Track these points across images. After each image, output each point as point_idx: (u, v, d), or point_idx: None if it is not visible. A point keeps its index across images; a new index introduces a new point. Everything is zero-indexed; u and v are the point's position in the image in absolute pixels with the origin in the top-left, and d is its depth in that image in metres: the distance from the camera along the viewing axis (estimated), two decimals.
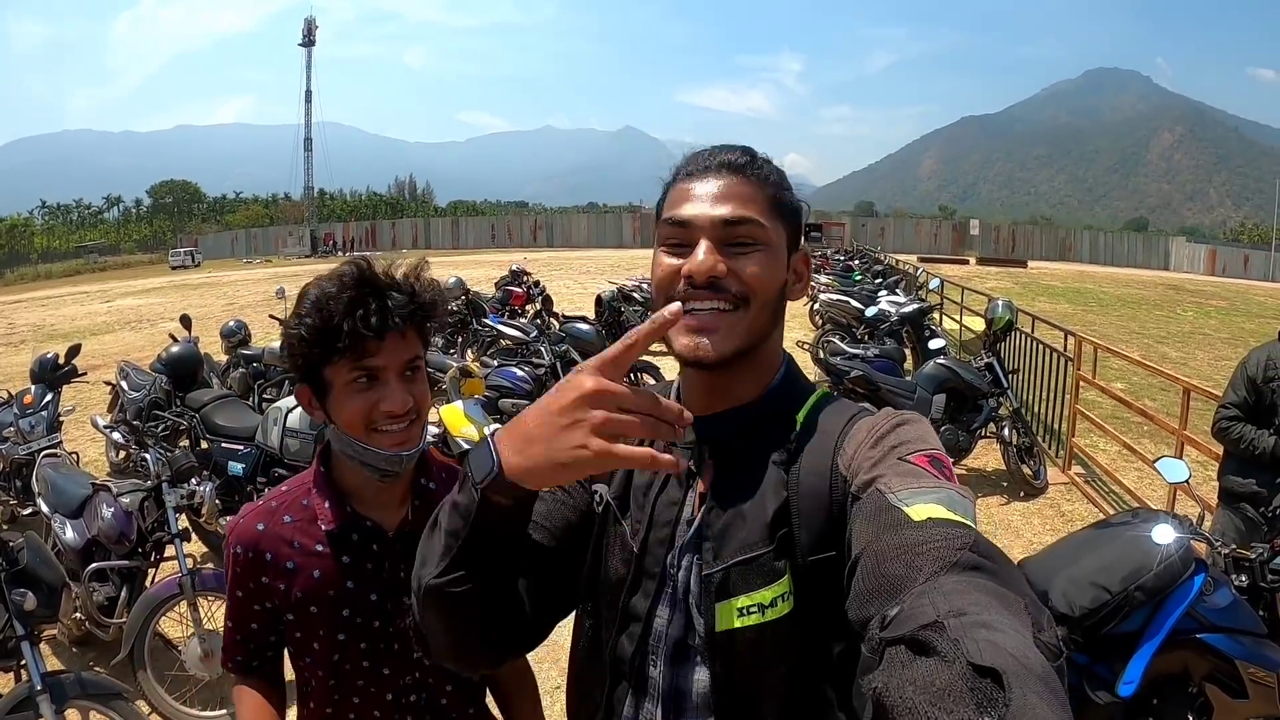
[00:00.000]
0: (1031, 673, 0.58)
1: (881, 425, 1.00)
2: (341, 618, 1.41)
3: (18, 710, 2.99)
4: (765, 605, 0.99)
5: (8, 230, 79.60)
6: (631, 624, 1.09)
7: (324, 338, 1.30)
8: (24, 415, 5.78)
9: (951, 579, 0.72)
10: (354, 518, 1.42)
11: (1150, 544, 2.63)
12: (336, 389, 1.35)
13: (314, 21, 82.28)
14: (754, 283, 1.02)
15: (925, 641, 0.62)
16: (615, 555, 1.12)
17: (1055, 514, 6.26)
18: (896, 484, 0.88)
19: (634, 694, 1.09)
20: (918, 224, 65.20)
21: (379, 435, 1.35)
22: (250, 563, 1.40)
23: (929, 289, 14.10)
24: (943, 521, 0.81)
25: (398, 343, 1.33)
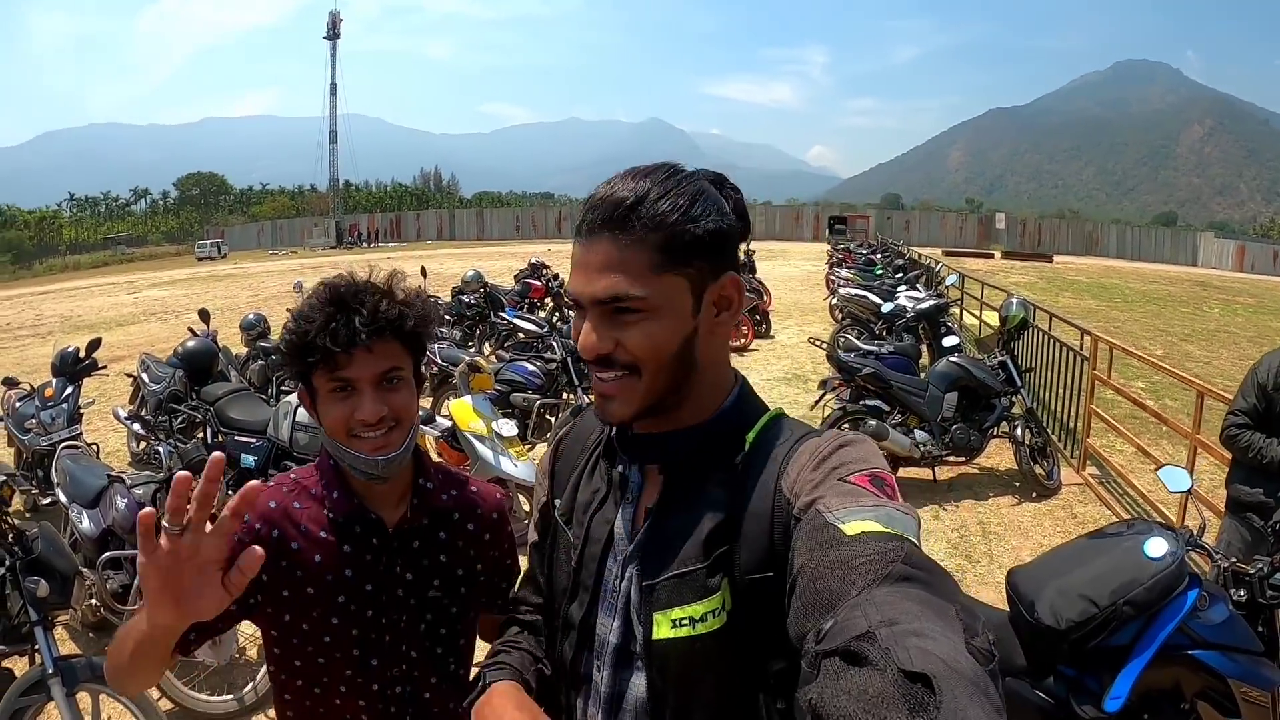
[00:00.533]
0: (962, 676, 0.60)
1: (824, 447, 1.02)
2: (337, 603, 1.45)
3: (30, 693, 3.10)
4: (696, 619, 1.02)
5: (36, 222, 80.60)
6: (570, 631, 1.16)
7: (301, 351, 1.39)
8: (45, 408, 5.89)
9: (884, 590, 0.74)
10: (360, 509, 1.48)
11: (1142, 557, 2.60)
12: (320, 396, 1.43)
13: (338, 15, 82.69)
14: (639, 353, 1.03)
15: (858, 652, 0.64)
16: (561, 565, 1.20)
17: (1067, 516, 6.22)
18: (835, 503, 0.90)
19: (581, 698, 1.16)
20: (943, 217, 64.64)
21: (358, 441, 1.41)
22: (257, 537, 1.41)
23: (948, 285, 14.02)
24: (876, 535, 0.83)
25: (367, 356, 1.39)
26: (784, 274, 26.84)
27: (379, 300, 1.41)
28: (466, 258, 27.07)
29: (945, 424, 6.60)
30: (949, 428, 6.58)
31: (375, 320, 1.39)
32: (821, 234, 51.24)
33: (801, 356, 12.31)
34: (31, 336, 18.21)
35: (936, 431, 6.57)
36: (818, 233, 54.26)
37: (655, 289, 1.01)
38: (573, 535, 1.18)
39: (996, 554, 5.55)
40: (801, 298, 20.39)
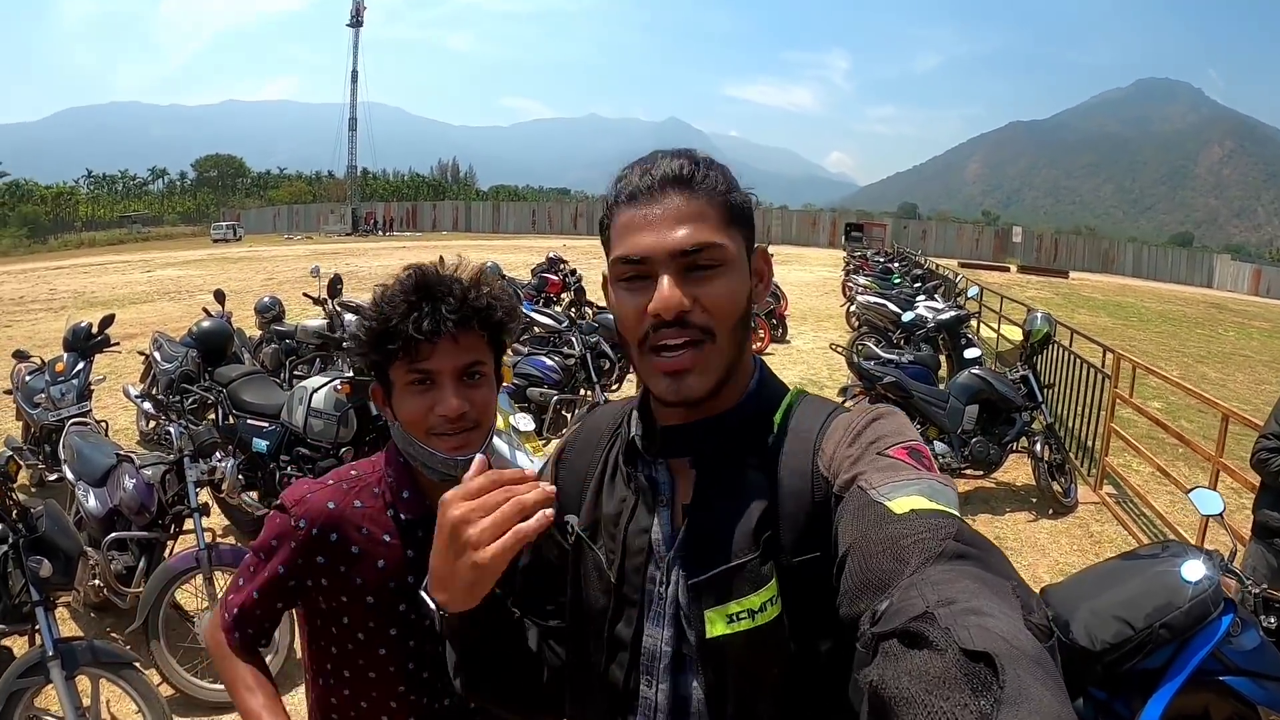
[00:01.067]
0: (1024, 654, 0.59)
1: (857, 422, 1.00)
2: (398, 612, 1.41)
3: (29, 674, 3.05)
4: (755, 610, 0.99)
5: (53, 198, 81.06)
6: (619, 652, 1.10)
7: (381, 339, 1.35)
8: (55, 382, 5.86)
9: (938, 569, 0.74)
10: (431, 512, 1.40)
11: (1179, 580, 2.54)
12: (397, 389, 1.39)
13: (362, 2, 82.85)
14: (721, 309, 1.00)
15: (917, 633, 0.63)
16: (594, 584, 1.13)
17: (1084, 534, 6.14)
18: (877, 479, 0.89)
19: (633, 716, 1.09)
20: (960, 228, 64.48)
21: (436, 439, 1.37)
22: (314, 541, 1.39)
23: (967, 297, 13.94)
24: (926, 512, 0.82)
25: (451, 347, 1.35)
26: (800, 279, 26.86)
27: (467, 290, 1.37)
28: (482, 250, 27.07)
29: (965, 437, 6.54)
30: (969, 440, 6.52)
31: (463, 309, 1.35)
32: (838, 240, 51.27)
33: (817, 362, 12.25)
34: (44, 311, 18.27)
35: (956, 444, 6.51)
36: (834, 239, 54.26)
37: (730, 241, 1.01)
38: (604, 551, 1.11)
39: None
40: (817, 303, 20.37)
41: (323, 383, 5.36)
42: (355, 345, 1.40)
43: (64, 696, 2.98)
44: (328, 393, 5.25)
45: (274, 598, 1.44)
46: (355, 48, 79.63)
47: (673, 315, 0.97)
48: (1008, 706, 0.54)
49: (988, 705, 0.55)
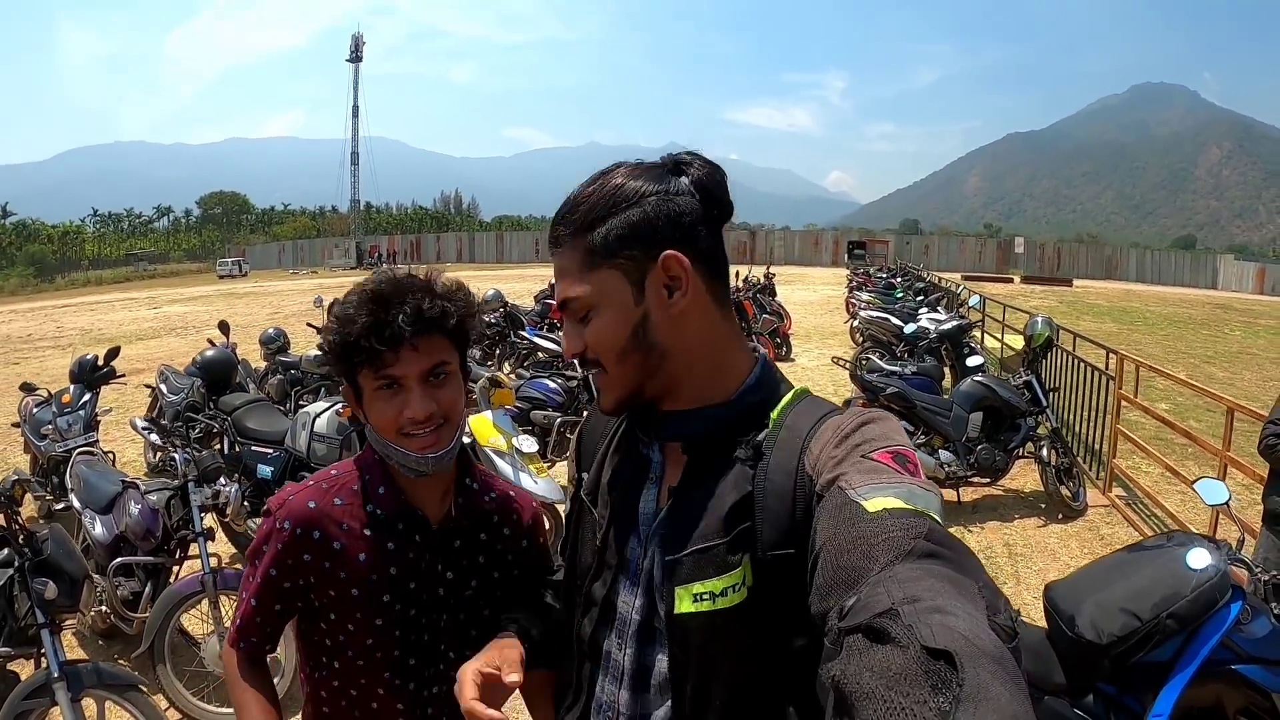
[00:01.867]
0: (984, 653, 0.60)
1: (846, 424, 1.01)
2: (382, 603, 1.45)
3: (34, 696, 3.05)
4: (716, 594, 1.02)
5: (60, 237, 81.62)
6: (592, 608, 1.18)
7: (346, 351, 1.39)
8: (62, 414, 5.90)
9: (906, 567, 0.74)
10: (406, 505, 1.48)
11: (1185, 569, 2.51)
12: (367, 394, 1.43)
13: (362, 38, 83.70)
14: (596, 347, 1.09)
15: (880, 628, 0.63)
16: (587, 544, 1.21)
17: (1094, 537, 6.10)
18: (857, 480, 0.90)
19: (600, 674, 1.17)
20: (962, 242, 64.52)
21: (407, 439, 1.42)
22: (298, 540, 1.42)
23: (969, 306, 13.94)
24: (898, 512, 0.83)
25: (413, 353, 1.39)
26: (803, 298, 26.87)
27: (421, 297, 1.41)
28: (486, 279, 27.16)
29: (970, 444, 6.52)
30: (974, 448, 6.50)
31: (419, 317, 1.39)
32: (840, 259, 51.38)
33: (822, 379, 12.23)
34: (52, 348, 18.39)
35: (961, 452, 6.49)
36: (836, 258, 54.39)
37: (591, 286, 1.07)
38: (598, 514, 1.20)
39: (1024, 576, 5.45)
40: (821, 321, 20.37)
41: (325, 407, 5.39)
42: (322, 358, 1.47)
43: (69, 719, 2.98)
44: (330, 417, 5.27)
45: (270, 601, 1.47)
46: (356, 82, 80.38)
47: (568, 357, 1.17)
48: (965, 704, 0.55)
49: (946, 702, 0.55)
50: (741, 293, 14.48)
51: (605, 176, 1.08)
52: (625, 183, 1.06)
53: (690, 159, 1.10)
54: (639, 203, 1.05)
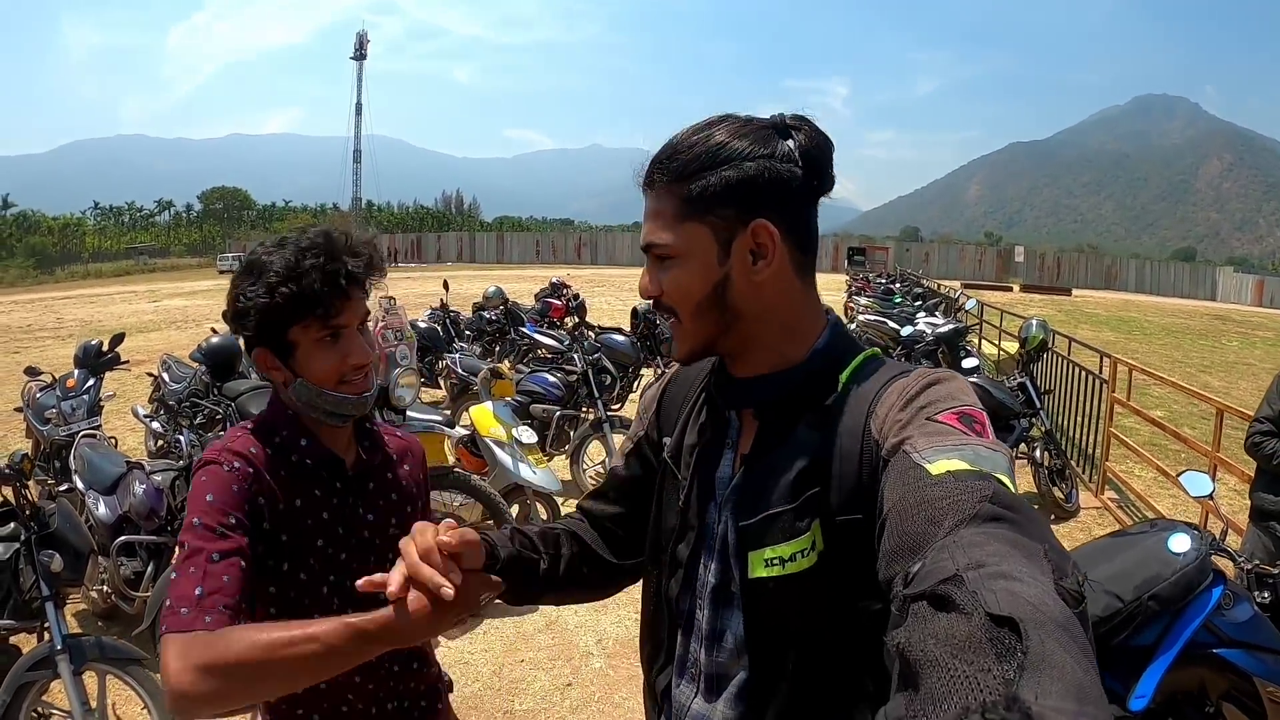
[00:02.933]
0: (1050, 619, 0.59)
1: (912, 386, 1.01)
2: (316, 548, 1.47)
3: (37, 668, 3.09)
4: (785, 559, 1.05)
5: (60, 229, 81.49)
6: (677, 570, 1.20)
7: (300, 303, 1.40)
8: (66, 398, 5.93)
9: (971, 531, 0.73)
10: (329, 453, 1.51)
11: (1167, 552, 2.56)
12: (304, 348, 1.45)
13: (365, 36, 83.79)
14: (673, 296, 1.11)
15: (945, 595, 0.63)
16: (670, 507, 1.23)
17: (1086, 538, 6.10)
18: (922, 444, 0.89)
19: (683, 634, 1.20)
20: (962, 250, 64.58)
21: (346, 385, 1.47)
22: (249, 477, 1.38)
23: (966, 310, 13.99)
24: (962, 474, 0.82)
25: (358, 301, 1.46)
26: None
27: (363, 248, 1.48)
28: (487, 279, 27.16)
29: None
30: None
31: (370, 264, 1.47)
32: (840, 265, 51.30)
33: None
34: (52, 338, 18.42)
35: None
36: (836, 263, 54.30)
37: (678, 236, 1.07)
38: (681, 477, 1.21)
39: None
40: None
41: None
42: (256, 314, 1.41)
43: (71, 691, 3.02)
44: None
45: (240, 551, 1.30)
46: (359, 81, 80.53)
47: (643, 296, 1.14)
48: (1030, 672, 0.54)
49: (1010, 670, 0.54)
50: None
51: (710, 128, 1.06)
52: (730, 140, 1.04)
53: (798, 123, 1.08)
54: (740, 164, 1.03)
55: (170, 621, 1.16)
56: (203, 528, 1.28)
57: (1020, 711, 0.50)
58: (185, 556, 1.26)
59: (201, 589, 1.20)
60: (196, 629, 1.15)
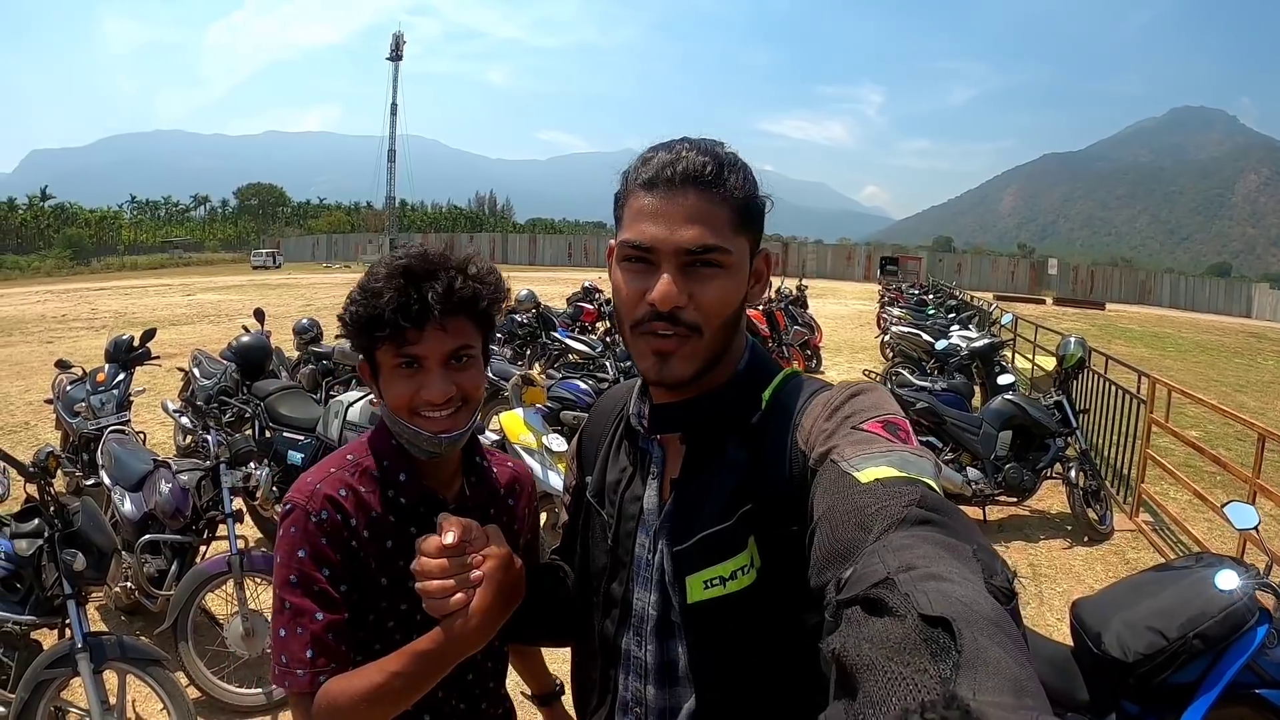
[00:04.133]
0: (982, 617, 0.59)
1: (836, 398, 1.03)
2: (406, 589, 1.35)
3: (57, 665, 3.10)
4: (726, 577, 1.05)
5: (97, 221, 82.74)
6: (612, 609, 1.19)
7: (368, 325, 1.32)
8: (95, 392, 5.96)
9: (900, 535, 0.74)
10: (427, 490, 1.42)
11: (1213, 590, 2.48)
12: (384, 371, 1.37)
13: (402, 37, 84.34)
14: (713, 309, 1.06)
15: (877, 599, 0.63)
16: (598, 544, 1.23)
17: (1119, 561, 6.03)
18: (850, 452, 0.90)
19: (623, 673, 1.18)
20: (995, 261, 64.08)
21: (423, 419, 1.36)
22: (339, 527, 1.33)
23: (1001, 325, 13.82)
24: (890, 480, 0.83)
25: (439, 333, 1.33)
26: (835, 312, 26.81)
27: (454, 276, 1.35)
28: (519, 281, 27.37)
29: (999, 463, 6.46)
30: (1002, 467, 6.43)
31: (450, 297, 1.33)
32: (873, 274, 51.13)
33: None
34: (86, 329, 18.72)
35: (989, 470, 6.43)
36: (869, 273, 54.15)
37: (736, 246, 1.05)
38: (606, 515, 1.21)
39: (1048, 597, 5.40)
40: (852, 335, 20.30)
41: (358, 397, 5.43)
42: (343, 328, 1.38)
43: (90, 689, 3.03)
44: (363, 406, 5.31)
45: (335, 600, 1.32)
46: (395, 81, 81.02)
47: (668, 309, 1.04)
48: (966, 670, 0.54)
49: (946, 669, 0.55)
50: (773, 303, 14.43)
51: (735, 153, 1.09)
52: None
53: None
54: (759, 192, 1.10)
55: (291, 681, 1.25)
56: (300, 586, 1.29)
57: (959, 709, 0.50)
58: (290, 616, 1.27)
59: (312, 651, 1.26)
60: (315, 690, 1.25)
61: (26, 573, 3.37)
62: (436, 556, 1.13)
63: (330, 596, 1.30)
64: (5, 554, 3.38)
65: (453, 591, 1.11)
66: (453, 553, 1.13)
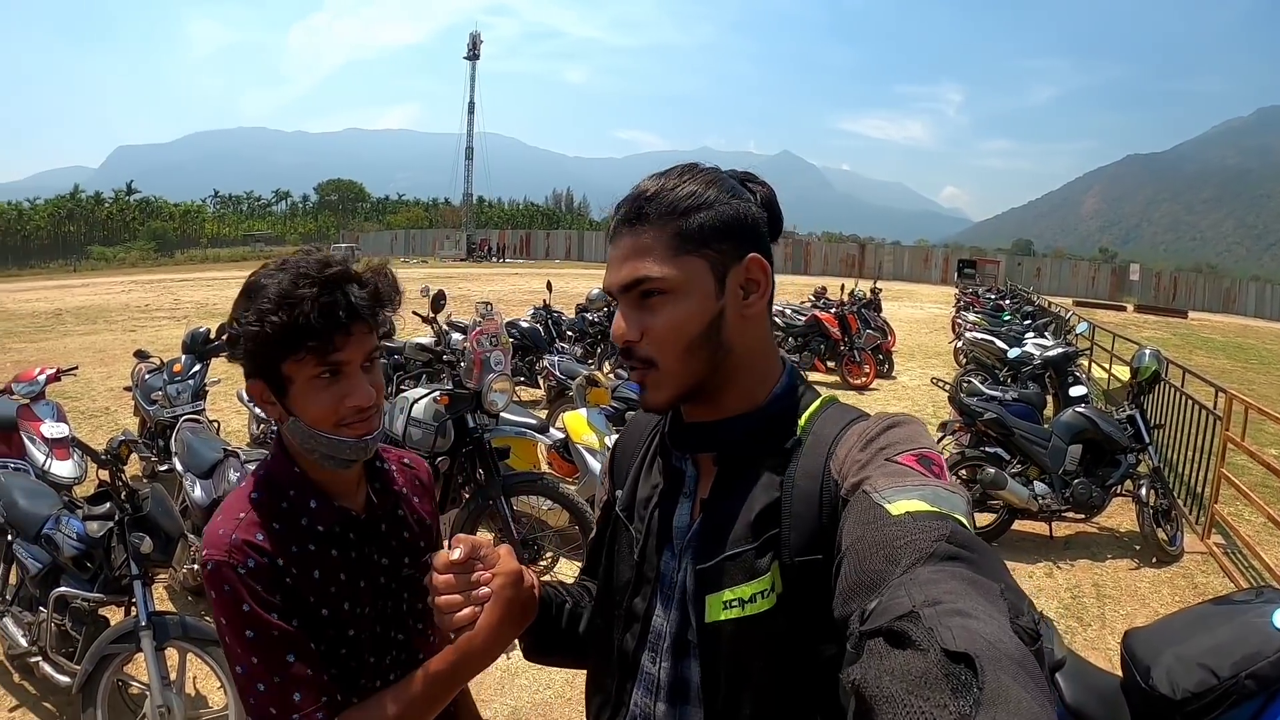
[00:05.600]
0: (1006, 656, 0.59)
1: (872, 429, 1.02)
2: (344, 612, 1.36)
3: (122, 641, 3.27)
4: (745, 600, 1.04)
5: (181, 215, 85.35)
6: (634, 624, 1.18)
7: (291, 334, 1.25)
8: (172, 382, 6.20)
9: (928, 569, 0.74)
10: (340, 511, 1.39)
11: (1271, 628, 2.37)
12: (299, 384, 1.31)
13: (479, 36, 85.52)
14: (664, 338, 1.07)
15: (901, 632, 0.63)
16: (624, 559, 1.22)
17: (1188, 585, 5.82)
18: (882, 484, 0.90)
19: (639, 688, 1.17)
20: (1075, 265, 62.21)
21: (346, 428, 1.33)
22: (268, 569, 1.27)
23: (1077, 333, 13.47)
24: (921, 514, 0.83)
25: (363, 336, 1.33)
26: (909, 315, 26.44)
27: (373, 279, 1.36)
28: (593, 279, 27.51)
29: (1067, 477, 6.29)
30: (1070, 482, 6.26)
31: (376, 299, 1.35)
32: (950, 277, 50.19)
33: (922, 399, 12.01)
34: (168, 319, 19.39)
35: (1057, 485, 6.27)
36: (946, 275, 53.17)
37: (675, 270, 1.05)
38: (634, 530, 1.21)
39: (1110, 619, 5.24)
40: (926, 340, 20.00)
41: (423, 394, 5.53)
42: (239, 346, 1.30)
43: (152, 665, 3.18)
44: (427, 404, 5.40)
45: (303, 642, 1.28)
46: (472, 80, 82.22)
47: (620, 343, 1.10)
48: (986, 708, 0.54)
49: (967, 706, 0.55)
50: (846, 306, 14.26)
51: (690, 172, 1.10)
52: (709, 186, 1.08)
53: (752, 176, 1.16)
54: (729, 202, 1.08)
55: None
56: (259, 639, 1.22)
57: None
58: (260, 672, 1.21)
59: (299, 694, 1.22)
60: None
61: (97, 553, 3.56)
62: (445, 572, 1.14)
63: (290, 634, 1.25)
64: (78, 534, 3.58)
65: (460, 607, 1.13)
66: (461, 569, 1.15)
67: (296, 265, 1.30)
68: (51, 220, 74.24)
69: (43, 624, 3.68)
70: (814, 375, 13.43)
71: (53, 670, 3.67)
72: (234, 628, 1.22)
